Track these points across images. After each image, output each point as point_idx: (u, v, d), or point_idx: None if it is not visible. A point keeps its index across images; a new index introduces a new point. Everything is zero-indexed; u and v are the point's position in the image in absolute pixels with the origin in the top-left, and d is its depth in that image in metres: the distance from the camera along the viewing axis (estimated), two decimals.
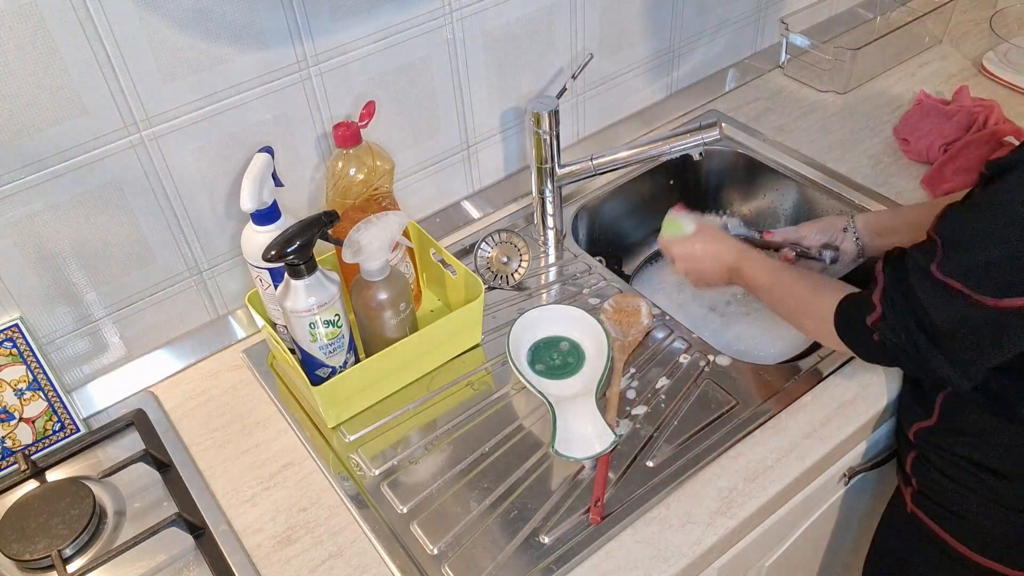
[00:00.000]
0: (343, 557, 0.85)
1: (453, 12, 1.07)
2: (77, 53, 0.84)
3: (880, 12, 1.63)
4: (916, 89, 1.42)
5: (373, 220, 0.92)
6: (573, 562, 0.82)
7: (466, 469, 0.91)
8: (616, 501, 0.87)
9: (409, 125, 1.13)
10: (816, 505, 1.03)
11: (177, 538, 0.88)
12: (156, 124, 0.92)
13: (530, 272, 1.16)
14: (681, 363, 1.01)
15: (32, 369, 0.94)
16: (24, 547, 0.86)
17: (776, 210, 1.36)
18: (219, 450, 0.97)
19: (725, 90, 1.49)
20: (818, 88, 1.47)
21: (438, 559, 0.83)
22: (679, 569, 0.82)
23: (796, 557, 1.10)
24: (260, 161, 0.92)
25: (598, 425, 0.92)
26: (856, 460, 1.02)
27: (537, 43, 1.19)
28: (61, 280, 0.95)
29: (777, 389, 0.97)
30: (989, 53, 1.48)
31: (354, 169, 0.98)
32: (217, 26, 0.90)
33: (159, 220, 0.98)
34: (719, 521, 0.85)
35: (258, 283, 0.99)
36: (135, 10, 0.85)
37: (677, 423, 0.94)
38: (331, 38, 0.99)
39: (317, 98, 1.02)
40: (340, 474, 0.92)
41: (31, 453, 0.96)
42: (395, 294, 0.94)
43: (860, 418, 0.94)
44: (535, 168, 1.15)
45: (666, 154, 1.11)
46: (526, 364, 1.01)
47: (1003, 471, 0.88)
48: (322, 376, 0.95)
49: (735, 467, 0.90)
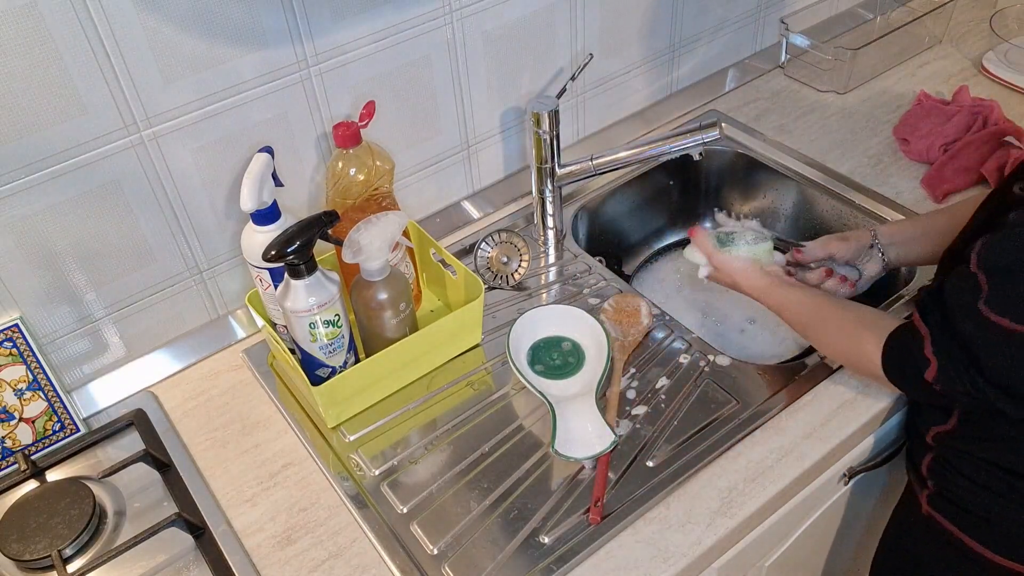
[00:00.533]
0: (343, 557, 0.85)
1: (453, 12, 1.07)
2: (77, 53, 0.84)
3: (880, 12, 1.63)
4: (916, 89, 1.42)
5: (373, 220, 0.92)
6: (573, 562, 0.82)
7: (466, 469, 0.91)
8: (616, 501, 0.87)
9: (409, 125, 1.13)
10: (816, 505, 1.03)
11: (177, 538, 0.88)
12: (156, 124, 0.92)
13: (530, 272, 1.16)
14: (681, 363, 1.01)
15: (32, 369, 0.94)
16: (24, 547, 0.86)
17: (776, 210, 1.36)
18: (219, 450, 0.97)
19: (725, 90, 1.49)
20: (818, 88, 1.47)
21: (438, 559, 0.83)
22: (679, 569, 0.82)
23: (796, 557, 1.10)
24: (260, 161, 0.92)
25: (598, 425, 0.92)
26: (857, 460, 1.02)
27: (537, 43, 1.19)
28: (61, 280, 0.95)
29: (777, 389, 0.97)
30: (989, 53, 1.48)
31: (354, 169, 0.98)
32: (217, 26, 0.90)
33: (159, 220, 0.98)
34: (719, 521, 0.85)
35: (258, 283, 0.99)
36: (135, 10, 0.85)
37: (677, 423, 0.94)
38: (331, 38, 0.99)
39: (317, 98, 1.02)
40: (340, 474, 0.92)
41: (31, 453, 0.96)
42: (395, 294, 0.94)
43: (860, 418, 0.94)
44: (535, 168, 1.15)
45: (666, 154, 1.11)
46: (526, 364, 1.01)
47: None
48: (322, 376, 0.95)
49: (735, 467, 0.90)
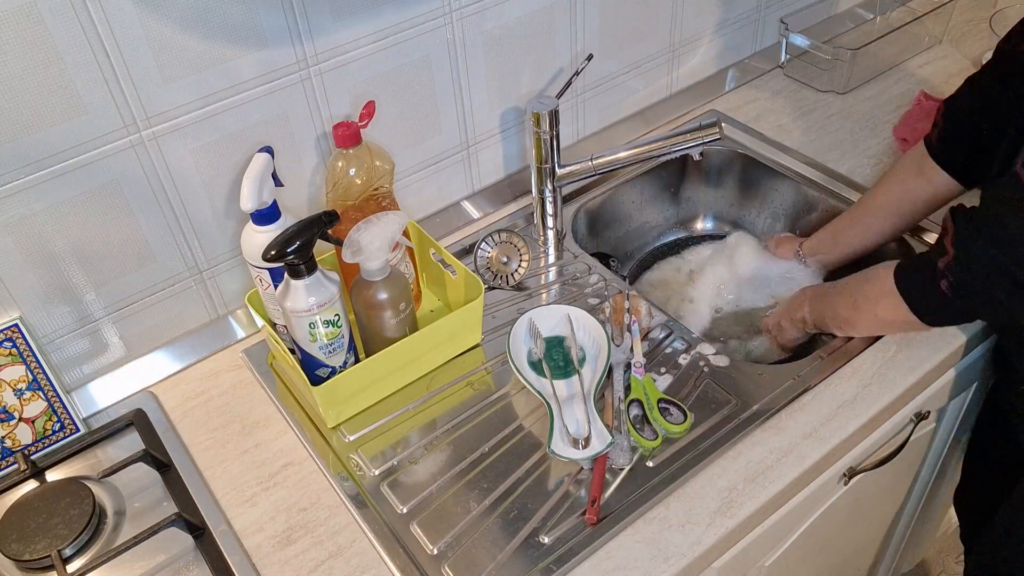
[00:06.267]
0: (343, 557, 0.85)
1: (453, 12, 1.07)
2: (77, 53, 0.84)
3: (880, 12, 1.63)
4: (916, 89, 1.42)
5: (373, 220, 0.92)
6: (573, 562, 0.82)
7: (466, 469, 0.91)
8: (616, 501, 0.87)
9: (409, 125, 1.13)
10: (816, 505, 1.03)
11: (177, 538, 0.88)
12: (156, 124, 0.92)
13: (530, 272, 1.16)
14: (681, 363, 1.01)
15: (32, 369, 0.94)
16: (24, 547, 0.86)
17: (776, 210, 1.36)
18: (219, 450, 0.97)
19: (725, 90, 1.49)
20: (818, 88, 1.47)
21: (438, 559, 0.83)
22: (679, 569, 0.82)
23: (796, 557, 1.10)
24: (260, 161, 0.92)
25: (596, 426, 0.92)
26: (857, 460, 1.02)
27: (537, 43, 1.19)
28: (61, 280, 0.95)
29: (777, 389, 0.97)
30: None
31: (354, 169, 0.98)
32: (217, 26, 0.90)
33: (159, 220, 0.98)
34: (719, 521, 0.85)
35: (258, 283, 0.99)
36: (135, 10, 0.85)
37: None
38: (331, 38, 0.99)
39: (317, 98, 1.02)
40: (340, 474, 0.92)
41: (31, 453, 0.96)
42: (395, 294, 0.94)
43: (860, 418, 0.94)
44: (535, 168, 1.15)
45: (666, 154, 1.11)
46: (526, 364, 1.01)
47: None
48: (322, 376, 0.95)
49: (735, 467, 0.90)
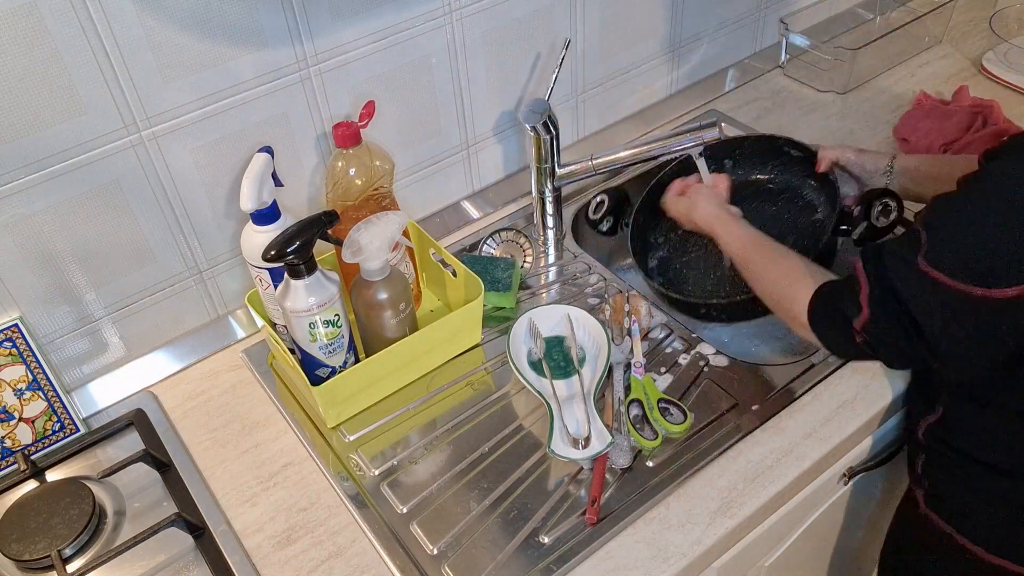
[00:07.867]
0: (343, 557, 0.85)
1: (453, 12, 1.07)
2: (77, 53, 0.84)
3: (880, 12, 1.63)
4: (916, 89, 1.42)
5: (373, 220, 0.92)
6: (573, 562, 0.82)
7: (466, 469, 0.91)
8: (616, 501, 0.87)
9: (409, 125, 1.13)
10: (816, 505, 1.03)
11: (177, 538, 0.88)
12: (156, 124, 0.92)
13: (530, 272, 1.16)
14: (681, 363, 1.01)
15: (32, 369, 0.94)
16: (24, 547, 0.86)
17: None
18: (219, 450, 0.97)
19: (725, 90, 1.49)
20: (818, 88, 1.47)
21: (438, 559, 0.83)
22: (679, 569, 0.82)
23: (796, 557, 1.10)
24: (260, 161, 0.92)
25: (596, 426, 0.92)
26: (857, 460, 1.02)
27: (537, 43, 1.19)
28: (61, 280, 0.95)
29: (777, 389, 0.97)
30: (989, 53, 1.48)
31: (354, 169, 0.98)
32: (217, 26, 0.90)
33: (159, 220, 0.98)
34: (719, 521, 0.85)
35: (258, 283, 0.99)
36: (135, 10, 0.85)
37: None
38: (331, 38, 0.99)
39: (317, 98, 1.02)
40: (340, 474, 0.92)
41: (31, 453, 0.96)
42: (395, 294, 0.94)
43: (860, 418, 0.94)
44: (535, 168, 1.15)
45: (666, 154, 1.11)
46: (526, 364, 1.01)
47: (1006, 468, 0.86)
48: (322, 376, 0.95)
49: (735, 467, 0.90)
